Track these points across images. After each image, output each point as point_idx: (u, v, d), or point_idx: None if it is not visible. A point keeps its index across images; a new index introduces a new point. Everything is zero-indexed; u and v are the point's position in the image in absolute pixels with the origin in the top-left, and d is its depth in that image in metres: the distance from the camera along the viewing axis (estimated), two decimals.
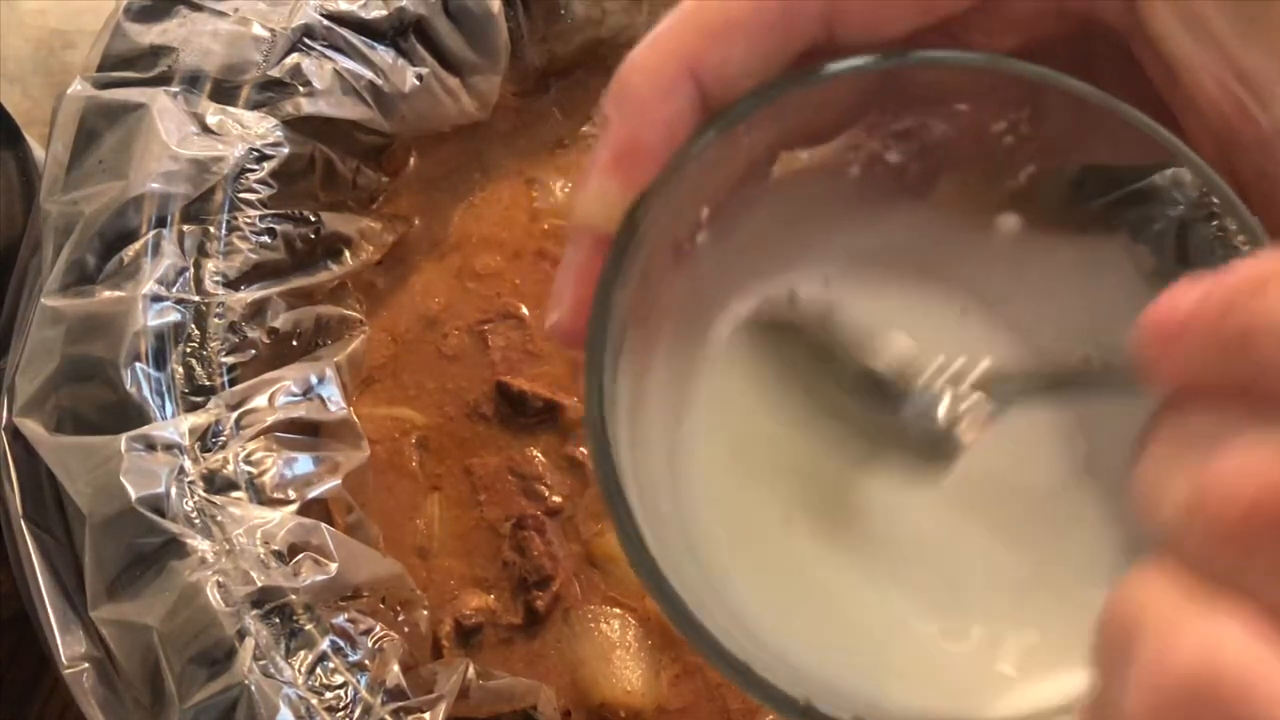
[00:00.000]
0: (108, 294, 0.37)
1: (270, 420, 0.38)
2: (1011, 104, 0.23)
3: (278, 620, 0.35)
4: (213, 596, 0.34)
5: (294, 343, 0.41)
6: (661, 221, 0.22)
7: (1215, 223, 0.22)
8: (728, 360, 0.24)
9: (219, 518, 0.36)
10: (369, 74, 0.43)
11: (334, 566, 0.36)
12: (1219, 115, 0.22)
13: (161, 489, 0.35)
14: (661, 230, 0.22)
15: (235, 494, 0.37)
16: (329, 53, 0.42)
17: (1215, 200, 0.21)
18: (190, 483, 0.36)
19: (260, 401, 0.38)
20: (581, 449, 0.43)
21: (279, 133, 0.41)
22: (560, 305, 0.23)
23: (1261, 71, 0.22)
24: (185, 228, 0.39)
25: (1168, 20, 0.22)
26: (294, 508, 0.37)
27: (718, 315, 0.25)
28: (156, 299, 0.38)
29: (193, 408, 0.37)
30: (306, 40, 0.42)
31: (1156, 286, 0.22)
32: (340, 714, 0.34)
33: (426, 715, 0.35)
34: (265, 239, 0.41)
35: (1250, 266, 0.16)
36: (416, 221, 0.48)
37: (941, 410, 0.22)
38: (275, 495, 0.37)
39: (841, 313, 0.24)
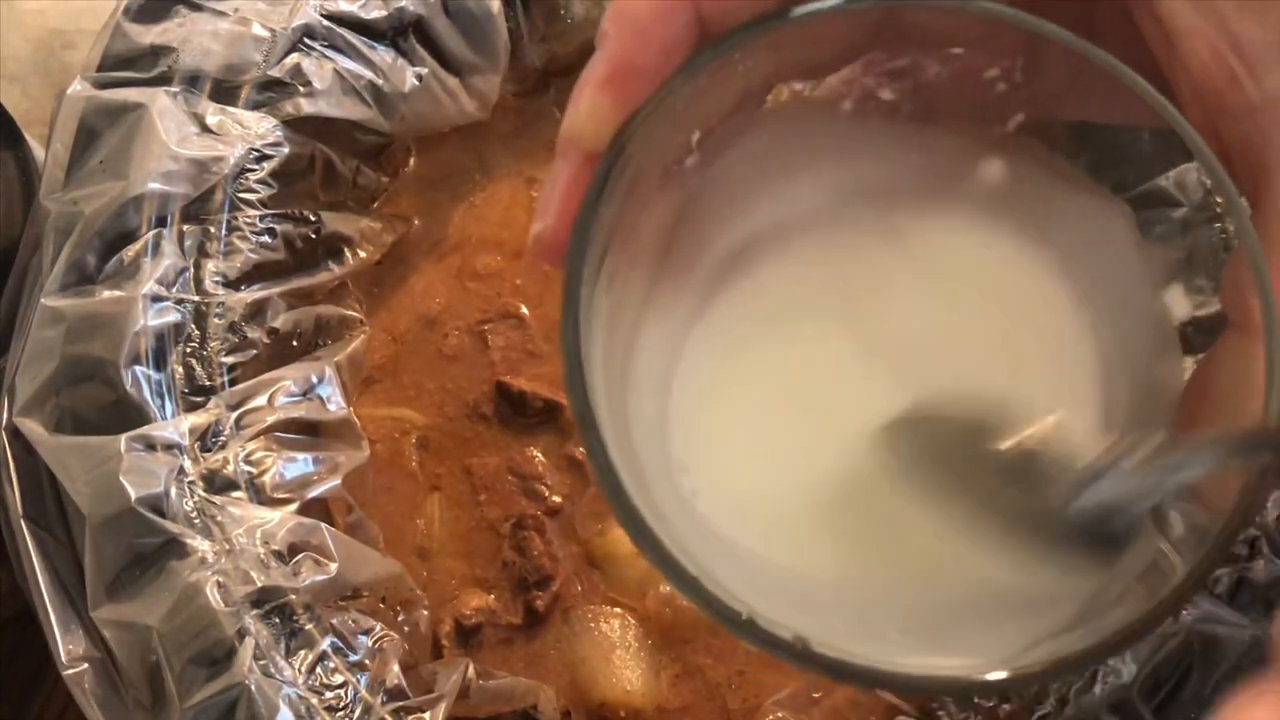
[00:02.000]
0: (108, 294, 0.37)
1: (270, 420, 0.38)
2: (1006, 52, 0.23)
3: (278, 620, 0.35)
4: (213, 596, 0.34)
5: (294, 343, 0.41)
6: (651, 143, 0.22)
7: (1218, 225, 0.22)
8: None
9: (219, 518, 0.36)
10: (369, 74, 0.43)
11: (334, 566, 0.36)
12: (1210, 81, 0.22)
13: (161, 489, 0.35)
14: (650, 152, 0.22)
15: (235, 494, 0.37)
16: (329, 53, 0.42)
17: (1201, 169, 0.21)
18: (190, 483, 0.36)
19: (260, 401, 0.38)
20: (581, 449, 0.43)
21: (279, 133, 0.41)
22: (545, 217, 0.23)
23: (1255, 41, 0.22)
24: (185, 228, 0.39)
25: None
26: (294, 508, 0.37)
27: (703, 240, 0.25)
28: (156, 299, 0.38)
29: (193, 408, 0.37)
30: (306, 40, 0.42)
31: (1145, 248, 0.22)
32: (340, 714, 0.34)
33: (426, 715, 0.35)
34: (265, 239, 0.41)
35: None
36: (416, 221, 0.48)
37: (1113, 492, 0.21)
38: (275, 495, 0.37)
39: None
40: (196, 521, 0.35)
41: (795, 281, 0.25)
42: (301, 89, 0.41)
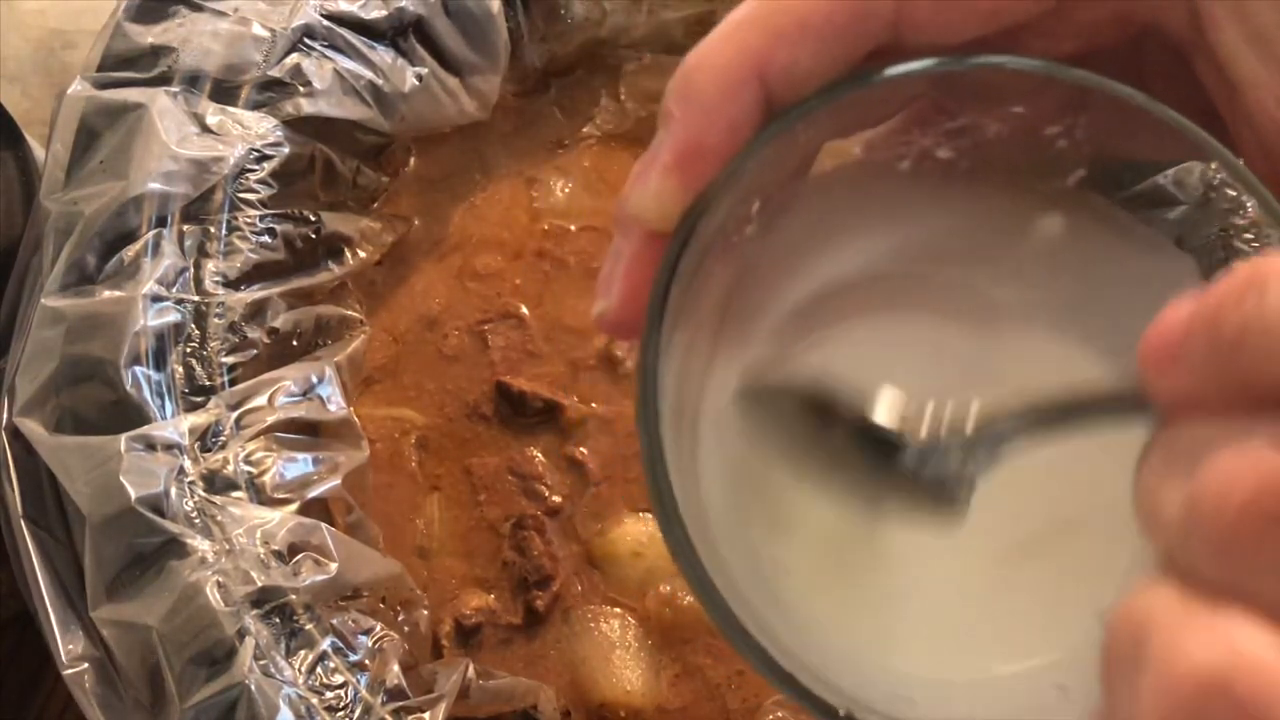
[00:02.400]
0: (108, 294, 0.37)
1: (270, 420, 0.38)
2: (1067, 108, 0.23)
3: (278, 620, 0.35)
4: (213, 596, 0.34)
5: (294, 343, 0.41)
6: (716, 219, 0.22)
7: (1218, 224, 0.22)
8: (726, 427, 0.24)
9: (219, 518, 0.36)
10: (369, 74, 0.43)
11: (334, 566, 0.36)
12: (1276, 131, 0.22)
13: (161, 489, 0.35)
14: (715, 226, 0.22)
15: (235, 494, 0.37)
16: (329, 53, 0.42)
17: (1258, 208, 0.21)
18: (190, 483, 0.36)
19: (260, 401, 0.38)
20: (581, 449, 0.43)
21: (279, 133, 0.41)
22: (609, 295, 0.23)
23: None
24: (185, 228, 0.39)
25: (1232, 36, 0.22)
26: (294, 508, 0.37)
27: (762, 304, 0.25)
28: (156, 299, 0.38)
29: (193, 408, 0.37)
30: (306, 40, 0.42)
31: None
32: (340, 714, 0.34)
33: (426, 715, 0.35)
34: (265, 239, 0.41)
35: (1239, 272, 0.16)
36: (416, 221, 0.48)
37: (944, 461, 0.22)
38: (275, 495, 0.37)
39: (832, 372, 0.24)
40: (196, 521, 0.35)
41: (853, 341, 0.25)
42: (301, 89, 0.41)
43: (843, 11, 0.22)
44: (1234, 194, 0.21)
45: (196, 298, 0.39)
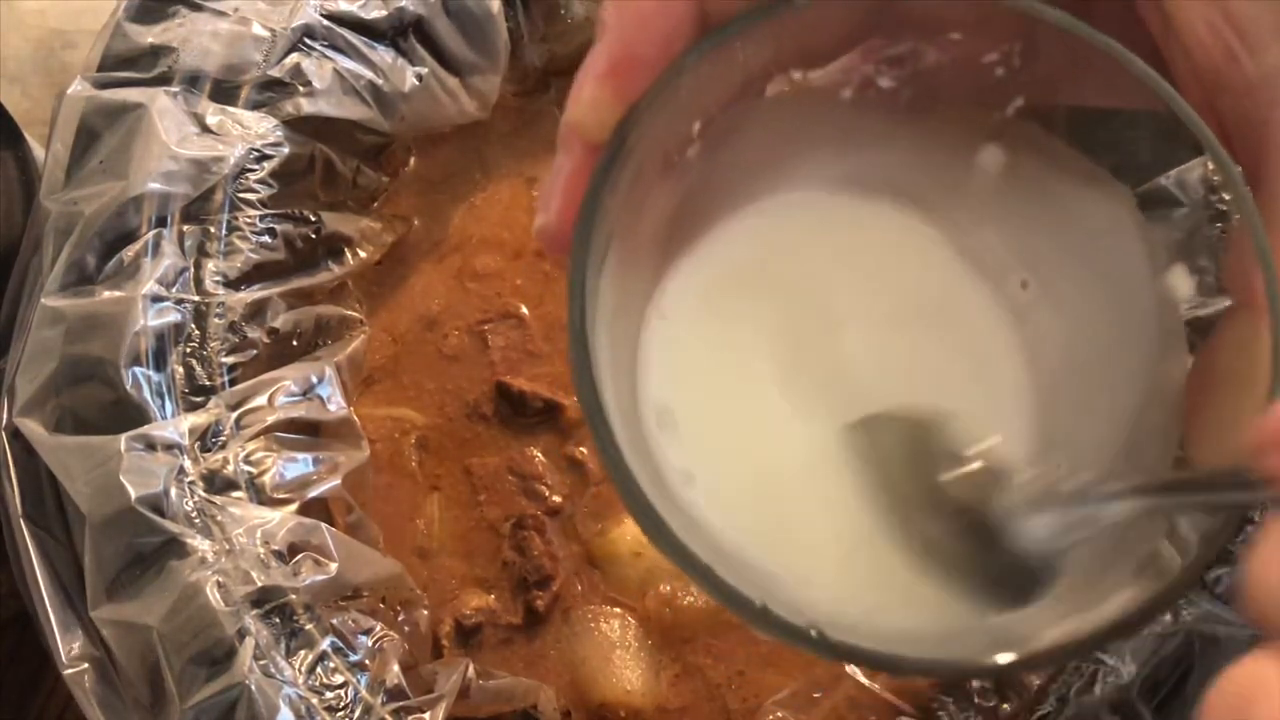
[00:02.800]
0: (108, 294, 0.37)
1: (270, 420, 0.38)
2: (1005, 36, 0.23)
3: (278, 620, 0.35)
4: (213, 596, 0.34)
5: (294, 343, 0.41)
6: (653, 133, 0.22)
7: (1219, 225, 0.22)
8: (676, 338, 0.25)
9: (219, 518, 0.36)
10: (369, 74, 0.43)
11: (334, 566, 0.36)
12: (1208, 59, 0.22)
13: (161, 489, 0.35)
14: (652, 141, 0.22)
15: (235, 494, 0.37)
16: (329, 53, 0.42)
17: (1199, 143, 0.21)
18: (190, 483, 0.36)
19: (260, 401, 0.38)
20: (581, 448, 0.43)
21: (279, 133, 0.41)
22: (548, 209, 0.23)
23: (1253, 18, 0.22)
24: (185, 228, 0.39)
25: None
26: (294, 508, 0.37)
27: (705, 227, 0.25)
28: (156, 299, 0.38)
29: (193, 408, 0.37)
30: (306, 40, 0.42)
31: (1146, 229, 0.22)
32: (340, 714, 0.34)
33: (426, 715, 0.35)
34: (265, 239, 0.41)
35: None
36: (416, 222, 0.48)
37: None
38: (275, 495, 0.37)
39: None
40: (196, 521, 0.35)
41: (789, 263, 0.26)
42: (301, 89, 0.41)
43: None
44: (1180, 136, 0.21)
45: (196, 298, 0.39)
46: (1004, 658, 0.20)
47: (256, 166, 0.41)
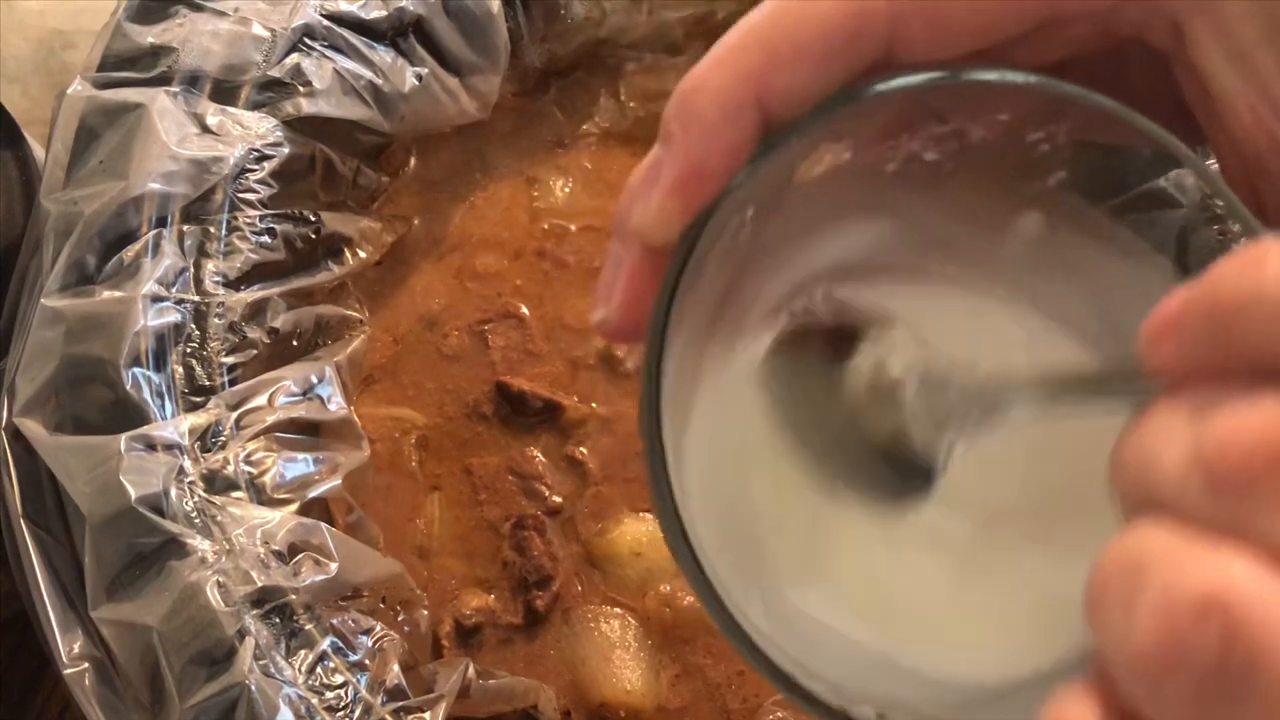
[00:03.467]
0: (108, 294, 0.37)
1: (270, 420, 0.38)
2: (1050, 115, 0.23)
3: (278, 620, 0.35)
4: (213, 596, 0.34)
5: (294, 343, 0.41)
6: (714, 230, 0.22)
7: (1217, 226, 0.22)
8: (747, 381, 0.25)
9: (219, 518, 0.36)
10: (369, 74, 0.43)
11: (334, 566, 0.36)
12: (1250, 143, 0.23)
13: (161, 489, 0.35)
14: (713, 238, 0.23)
15: (235, 494, 0.37)
16: (329, 53, 0.42)
17: (1225, 212, 0.21)
18: (190, 483, 0.36)
19: (260, 401, 0.38)
20: (581, 449, 0.43)
21: (279, 133, 0.41)
22: (608, 304, 0.24)
23: None
24: (185, 228, 0.39)
25: (1212, 51, 0.23)
26: (294, 508, 0.37)
27: (759, 297, 0.26)
28: (156, 299, 0.38)
29: (193, 408, 0.37)
30: (306, 40, 0.42)
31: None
32: (340, 714, 0.34)
33: (426, 715, 0.35)
34: (265, 239, 0.41)
35: (1239, 252, 0.17)
36: (416, 221, 0.48)
37: (943, 404, 0.22)
38: (275, 495, 0.37)
39: (852, 308, 0.25)
40: (196, 521, 0.35)
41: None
42: (301, 89, 0.41)
43: (838, 34, 0.22)
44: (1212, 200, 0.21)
45: (196, 298, 0.39)
46: None
47: (256, 166, 0.41)
